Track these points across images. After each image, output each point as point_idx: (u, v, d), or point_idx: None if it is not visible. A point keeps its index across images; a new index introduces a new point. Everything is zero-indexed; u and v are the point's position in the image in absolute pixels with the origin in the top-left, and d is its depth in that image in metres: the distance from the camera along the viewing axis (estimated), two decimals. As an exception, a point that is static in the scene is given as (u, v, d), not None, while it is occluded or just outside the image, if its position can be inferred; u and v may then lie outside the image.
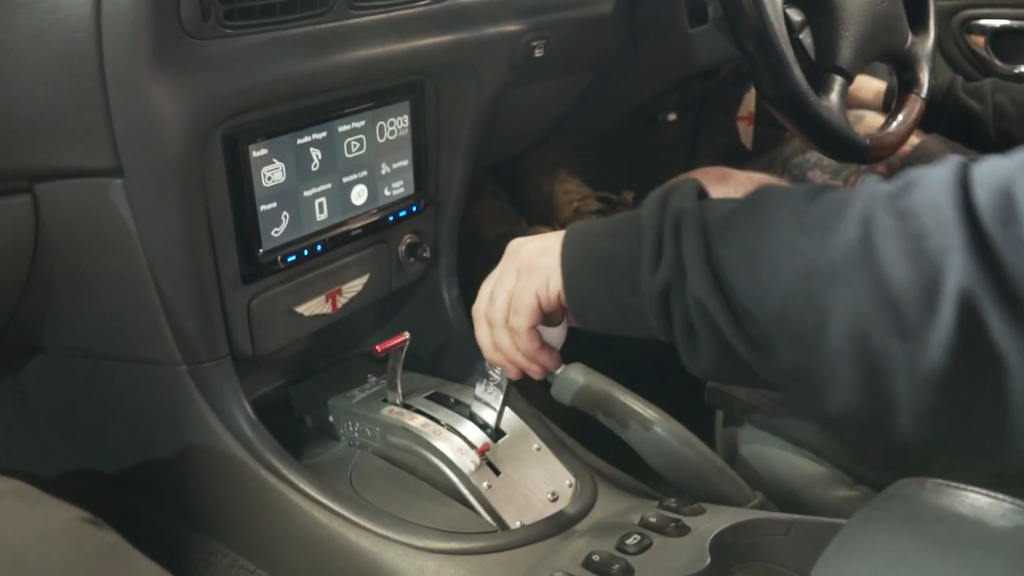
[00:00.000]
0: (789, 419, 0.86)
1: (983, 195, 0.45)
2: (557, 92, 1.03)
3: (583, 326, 0.63)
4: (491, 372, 0.75)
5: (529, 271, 0.62)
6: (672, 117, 1.46)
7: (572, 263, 0.59)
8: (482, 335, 0.66)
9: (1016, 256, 0.43)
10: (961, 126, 1.09)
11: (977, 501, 0.57)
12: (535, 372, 0.66)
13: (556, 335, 0.67)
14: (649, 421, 0.79)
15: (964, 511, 0.55)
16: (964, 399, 0.48)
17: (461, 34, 0.80)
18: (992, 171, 0.46)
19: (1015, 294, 0.43)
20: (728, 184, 0.99)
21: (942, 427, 0.50)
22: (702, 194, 0.58)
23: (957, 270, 0.44)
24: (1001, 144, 1.03)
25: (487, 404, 0.77)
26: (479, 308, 0.66)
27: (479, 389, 0.77)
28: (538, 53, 0.88)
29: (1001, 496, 0.58)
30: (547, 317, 0.63)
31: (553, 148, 1.39)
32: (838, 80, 0.88)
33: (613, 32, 0.99)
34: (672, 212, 0.55)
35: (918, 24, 0.97)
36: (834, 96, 0.87)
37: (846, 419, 0.57)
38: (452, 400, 0.80)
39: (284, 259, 0.74)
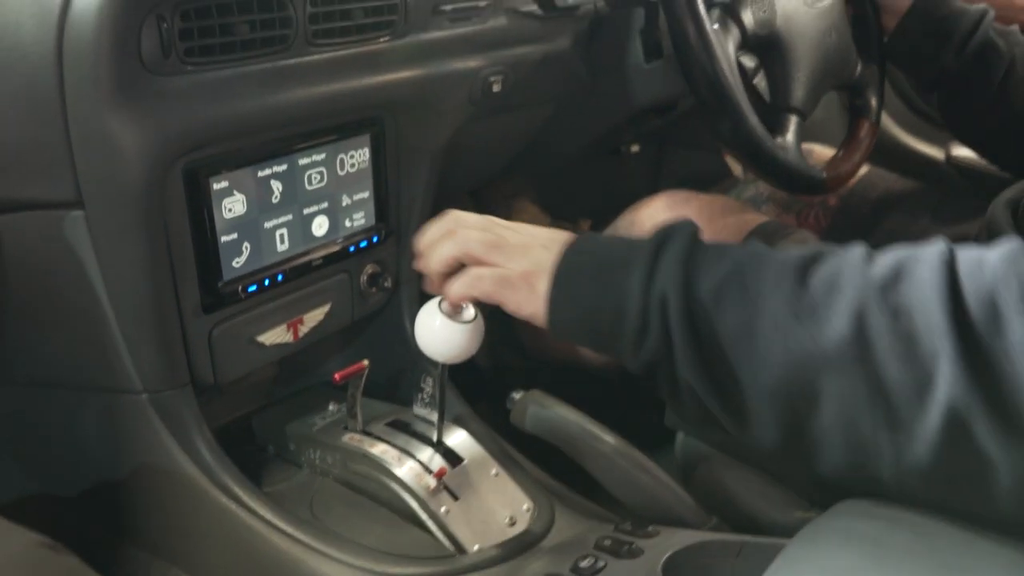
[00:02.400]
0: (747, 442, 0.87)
1: (973, 304, 0.46)
2: (517, 125, 1.05)
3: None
4: (423, 385, 0.76)
5: (525, 279, 0.60)
6: (635, 149, 1.49)
7: (556, 303, 0.58)
8: (437, 231, 0.65)
9: (1005, 367, 0.44)
10: (974, 62, 0.95)
11: (915, 521, 0.59)
12: (434, 287, 0.65)
13: (469, 337, 0.67)
14: (606, 448, 0.80)
15: (902, 529, 0.57)
16: (949, 486, 0.50)
17: (420, 70, 0.82)
18: (978, 274, 0.47)
19: (1004, 403, 0.45)
20: (691, 206, 1.02)
21: (925, 497, 0.52)
22: (694, 238, 0.57)
23: (947, 378, 0.45)
24: (1000, 96, 0.94)
25: (425, 420, 0.78)
26: (465, 220, 0.65)
27: (416, 406, 0.79)
28: (496, 88, 0.90)
29: (939, 515, 0.59)
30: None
31: (511, 179, 1.41)
32: (793, 119, 0.91)
33: (571, 66, 1.01)
34: (658, 292, 0.54)
35: (866, 52, 0.99)
36: (790, 136, 0.90)
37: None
38: (412, 427, 0.81)
39: (245, 289, 0.75)
